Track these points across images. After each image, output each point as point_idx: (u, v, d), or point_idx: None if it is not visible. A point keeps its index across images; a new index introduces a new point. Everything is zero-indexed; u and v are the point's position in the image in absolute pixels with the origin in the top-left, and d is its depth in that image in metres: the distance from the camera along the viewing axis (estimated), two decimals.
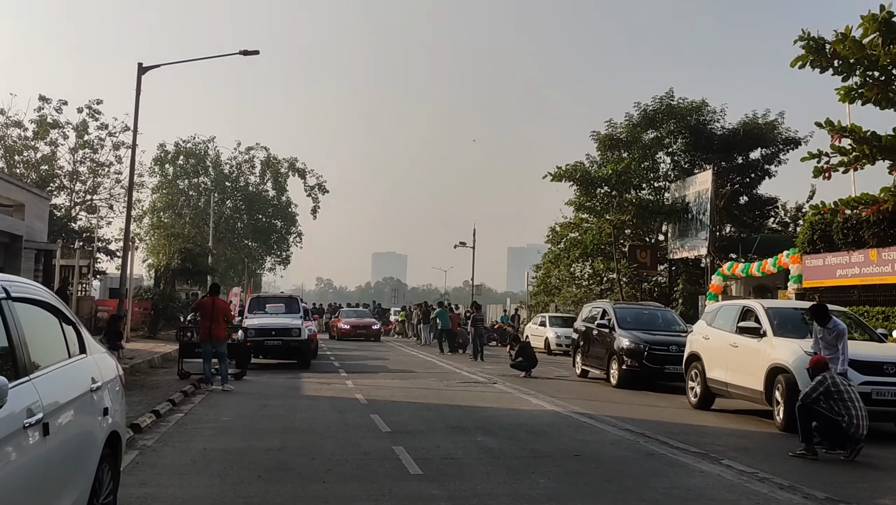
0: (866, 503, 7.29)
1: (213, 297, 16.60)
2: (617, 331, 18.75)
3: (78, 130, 40.75)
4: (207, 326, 15.97)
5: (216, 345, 15.97)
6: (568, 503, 7.04)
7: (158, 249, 36.36)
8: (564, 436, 10.92)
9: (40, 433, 4.04)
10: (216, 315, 16.02)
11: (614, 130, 34.78)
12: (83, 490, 4.68)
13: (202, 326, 16.19)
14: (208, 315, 16.06)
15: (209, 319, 15.99)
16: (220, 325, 16.01)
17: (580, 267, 39.23)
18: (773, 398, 12.13)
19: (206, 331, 16.00)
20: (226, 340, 16.38)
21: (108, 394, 5.28)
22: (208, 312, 16.13)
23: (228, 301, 32.06)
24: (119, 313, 21.17)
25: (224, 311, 16.47)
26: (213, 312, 16.04)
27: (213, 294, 16.80)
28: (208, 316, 16.04)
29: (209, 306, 16.26)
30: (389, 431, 10.89)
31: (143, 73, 20.78)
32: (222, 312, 16.30)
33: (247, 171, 58.31)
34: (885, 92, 18.19)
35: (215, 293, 16.89)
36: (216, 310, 16.11)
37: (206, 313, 16.18)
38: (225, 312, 16.47)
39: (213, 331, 15.91)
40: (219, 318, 16.03)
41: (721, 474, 8.48)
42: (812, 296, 20.38)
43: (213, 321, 15.93)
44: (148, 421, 11.01)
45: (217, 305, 16.28)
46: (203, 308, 16.50)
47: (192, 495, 7.05)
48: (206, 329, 16.00)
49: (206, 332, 16.01)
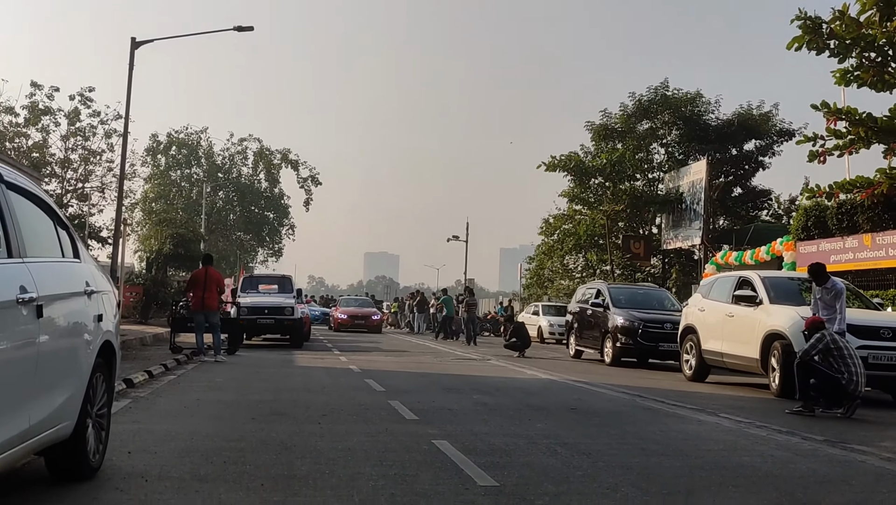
0: (866, 444, 7.23)
1: (207, 266, 16.42)
2: (611, 310, 18.71)
3: (70, 118, 40.52)
4: (200, 295, 15.78)
5: (208, 315, 15.81)
6: (566, 440, 6.96)
7: (150, 237, 36.09)
8: (560, 395, 10.86)
9: (34, 314, 3.94)
10: (209, 284, 15.83)
11: (609, 120, 34.77)
12: (77, 390, 4.58)
13: (194, 297, 15.98)
14: (200, 285, 15.87)
15: (201, 289, 15.80)
16: (212, 294, 15.83)
17: (573, 259, 39.21)
18: (769, 365, 12.08)
19: (198, 301, 15.82)
20: (218, 311, 16.23)
21: (104, 302, 5.18)
22: (200, 281, 15.93)
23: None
24: None
25: (217, 280, 16.26)
26: (205, 282, 15.86)
27: (207, 264, 16.60)
28: (200, 285, 15.86)
29: (201, 276, 16.08)
30: (384, 390, 10.80)
31: (137, 48, 20.67)
32: (215, 281, 16.09)
33: (239, 163, 58.06)
34: (880, 74, 18.23)
35: (208, 263, 16.68)
36: (209, 279, 15.93)
37: (198, 283, 15.98)
38: (218, 282, 16.28)
39: (206, 301, 15.74)
40: (211, 287, 15.84)
41: (719, 423, 8.43)
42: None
43: (205, 290, 15.75)
44: (141, 378, 10.90)
45: (210, 274, 16.07)
46: (195, 278, 16.31)
47: (186, 431, 6.95)
48: (198, 299, 15.82)
49: (198, 301, 15.82)
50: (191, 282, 16.60)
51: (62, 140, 40.81)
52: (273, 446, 6.27)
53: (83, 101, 40.52)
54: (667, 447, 6.81)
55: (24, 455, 4.17)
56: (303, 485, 4.97)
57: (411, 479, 5.24)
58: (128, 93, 21.77)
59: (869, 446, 7.14)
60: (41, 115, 39.95)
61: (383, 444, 6.57)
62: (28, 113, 39.95)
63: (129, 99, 21.98)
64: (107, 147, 41.34)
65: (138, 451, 5.91)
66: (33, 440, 4.02)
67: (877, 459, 6.53)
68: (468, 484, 5.14)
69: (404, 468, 5.57)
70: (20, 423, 3.81)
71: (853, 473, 5.92)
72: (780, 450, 6.86)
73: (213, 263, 17.14)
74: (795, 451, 6.85)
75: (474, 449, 6.35)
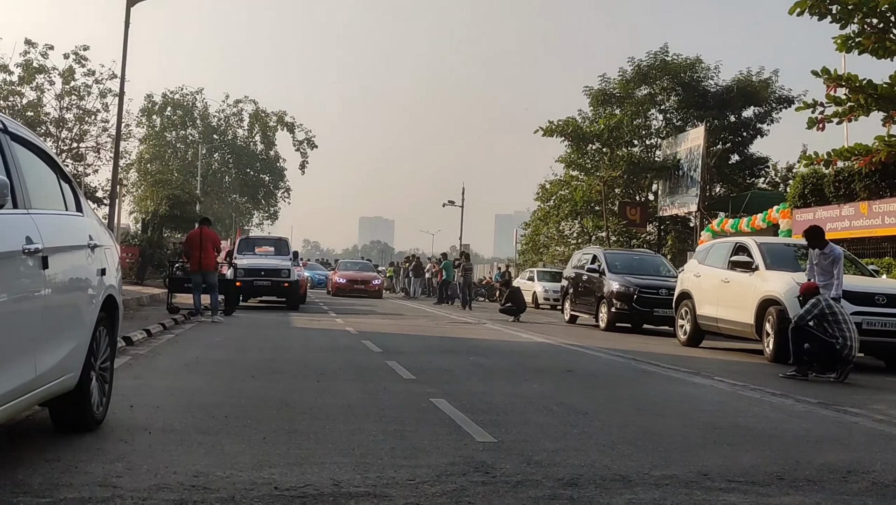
0: (859, 407, 7.33)
1: (202, 227, 16.39)
2: (607, 275, 18.76)
3: (64, 76, 40.16)
4: (197, 256, 15.79)
5: (206, 275, 15.83)
6: (562, 400, 7.04)
7: (146, 198, 36.03)
8: (556, 358, 10.96)
9: (39, 264, 3.96)
10: (205, 244, 15.82)
11: (608, 86, 34.58)
12: (82, 342, 4.62)
13: (191, 258, 16.00)
14: (197, 245, 15.87)
15: (198, 249, 15.80)
16: (209, 253, 15.83)
17: (569, 225, 39.22)
18: (764, 330, 12.17)
19: (195, 261, 15.83)
20: (216, 271, 16.24)
21: (106, 257, 5.20)
22: (196, 242, 15.93)
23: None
24: None
25: (213, 239, 16.21)
26: (201, 241, 15.85)
27: (203, 224, 16.57)
28: (197, 246, 15.85)
29: (197, 236, 16.05)
30: (381, 351, 10.88)
31: (133, 6, 20.42)
32: (211, 240, 16.05)
33: (235, 125, 57.77)
34: (882, 40, 18.14)
35: (205, 224, 16.66)
36: (204, 238, 15.91)
37: (194, 243, 15.97)
38: (214, 241, 16.25)
39: (203, 260, 15.75)
40: (208, 246, 15.83)
41: (713, 386, 8.53)
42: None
43: (202, 250, 15.76)
44: (140, 337, 10.96)
45: (205, 233, 16.04)
46: (191, 239, 16.29)
47: (187, 388, 7.02)
48: (195, 259, 15.82)
49: (195, 262, 15.84)
50: (187, 243, 16.59)
51: (57, 99, 40.46)
52: (273, 403, 6.34)
53: (78, 60, 40.13)
54: (662, 407, 6.90)
55: (31, 404, 4.22)
56: (304, 439, 5.04)
57: (411, 434, 5.31)
58: (123, 51, 21.54)
59: (862, 409, 7.23)
60: (35, 73, 39.61)
61: (382, 401, 6.64)
62: (22, 71, 39.61)
63: (124, 58, 21.76)
64: (102, 107, 41.07)
65: (140, 405, 5.97)
66: (40, 390, 4.06)
67: (869, 421, 6.63)
68: (467, 440, 5.21)
69: (403, 424, 5.63)
70: (27, 372, 3.85)
71: (846, 434, 6.01)
72: (774, 411, 6.95)
73: (210, 225, 17.12)
74: (789, 412, 6.94)
75: (472, 407, 6.42)
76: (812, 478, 4.51)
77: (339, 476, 4.15)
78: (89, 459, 4.29)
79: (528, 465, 4.55)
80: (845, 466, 4.83)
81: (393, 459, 4.56)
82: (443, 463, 4.51)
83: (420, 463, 4.50)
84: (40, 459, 4.23)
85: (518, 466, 4.52)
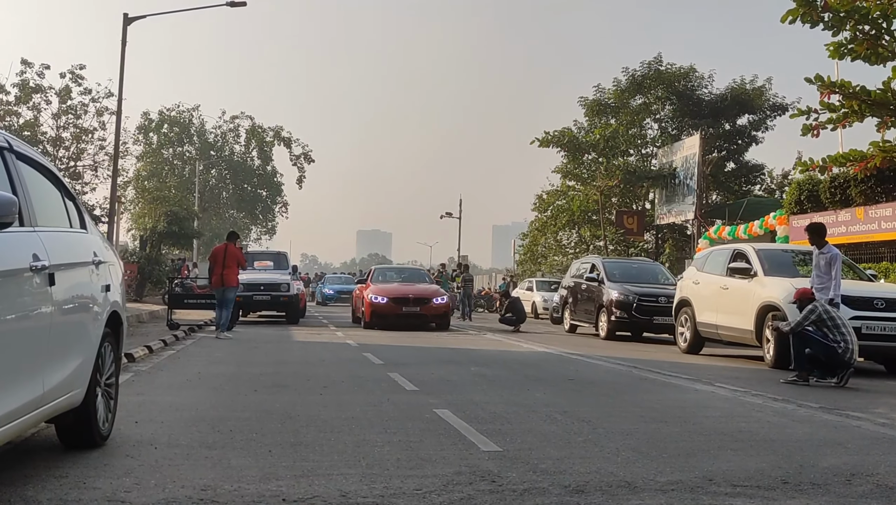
0: (860, 411, 7.35)
1: (228, 243, 16.32)
2: (606, 284, 18.79)
3: (61, 96, 40.25)
4: (220, 272, 15.70)
5: (226, 291, 15.76)
6: (565, 408, 7.07)
7: (143, 215, 36.05)
8: (558, 367, 10.98)
9: (46, 281, 4.00)
10: (229, 261, 15.76)
11: (602, 96, 34.75)
12: (88, 358, 4.64)
13: (214, 274, 15.88)
14: (220, 261, 15.80)
15: (221, 266, 15.74)
16: (232, 270, 15.75)
17: (567, 234, 39.33)
18: (763, 337, 12.21)
19: (218, 278, 15.73)
20: (236, 287, 16.11)
21: (110, 273, 5.23)
22: (220, 258, 15.85)
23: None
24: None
25: (237, 257, 16.12)
26: (224, 259, 15.79)
27: (230, 240, 16.49)
28: (220, 262, 15.79)
29: (221, 253, 15.99)
30: (383, 363, 10.89)
31: (129, 24, 20.57)
32: (235, 257, 15.99)
33: (232, 140, 57.87)
34: (874, 47, 18.23)
35: (232, 240, 16.55)
36: (229, 256, 15.85)
37: (218, 259, 15.91)
38: (238, 259, 16.13)
39: (226, 276, 15.67)
40: (231, 264, 15.77)
41: (715, 392, 8.55)
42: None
43: (225, 267, 15.69)
44: (141, 353, 10.98)
45: (230, 251, 15.99)
46: (215, 254, 16.19)
47: (190, 402, 7.03)
48: (218, 276, 15.72)
49: (218, 279, 15.73)
50: (211, 258, 16.50)
51: (53, 118, 40.56)
52: (277, 416, 6.35)
53: (74, 79, 40.26)
54: (665, 414, 6.92)
55: (38, 421, 4.24)
56: (310, 451, 5.06)
57: (416, 445, 5.33)
58: (121, 69, 21.69)
59: (863, 413, 7.26)
60: (32, 92, 39.70)
61: (386, 413, 6.66)
62: (18, 91, 39.70)
63: (122, 76, 21.91)
64: (99, 125, 41.16)
65: (145, 421, 5.99)
66: (47, 406, 4.08)
67: (871, 424, 6.65)
68: (472, 449, 5.23)
69: (408, 435, 5.65)
70: (35, 388, 3.88)
71: (848, 437, 6.03)
72: (777, 416, 6.98)
73: (237, 240, 17.08)
74: (791, 417, 6.97)
75: (476, 417, 6.44)
76: (816, 481, 4.54)
77: (346, 487, 4.17)
78: (97, 474, 4.31)
79: (534, 473, 4.57)
80: (849, 470, 4.86)
81: (399, 470, 4.59)
82: (449, 472, 4.54)
83: (426, 473, 4.52)
84: (49, 475, 4.25)
85: (524, 474, 4.54)
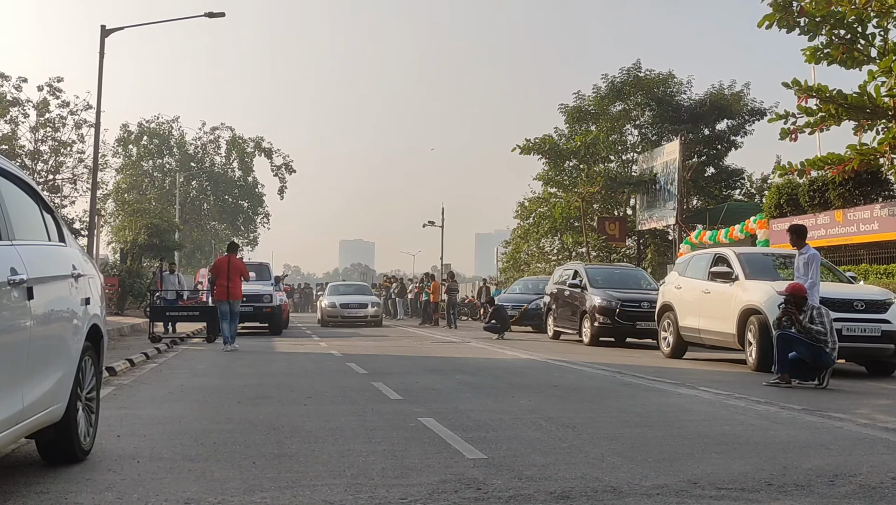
0: (843, 412, 7.40)
1: (230, 255, 16.20)
2: (589, 290, 18.84)
3: (39, 109, 39.96)
4: (224, 285, 15.56)
5: (233, 305, 15.62)
6: (550, 415, 7.07)
7: (124, 227, 35.83)
8: (542, 374, 10.99)
9: (24, 295, 3.96)
10: (232, 275, 15.64)
11: (582, 103, 34.88)
12: (68, 372, 4.60)
13: (217, 286, 15.74)
14: (224, 274, 15.67)
15: (225, 278, 15.59)
16: (236, 283, 15.63)
17: (549, 241, 39.39)
18: (746, 340, 12.27)
19: (222, 290, 15.57)
20: (239, 301, 15.96)
21: (90, 286, 5.18)
22: (224, 270, 15.72)
23: (196, 282, 31.61)
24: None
25: (241, 270, 15.99)
26: (228, 271, 15.66)
27: (231, 252, 16.37)
28: (224, 274, 15.65)
29: (225, 265, 15.85)
30: (367, 372, 10.87)
31: (107, 36, 20.46)
32: (239, 271, 15.86)
33: (212, 152, 57.59)
34: (850, 51, 18.46)
35: (232, 251, 16.43)
36: (232, 269, 15.72)
37: (221, 272, 15.77)
38: (242, 272, 15.99)
39: (231, 289, 15.55)
40: (235, 277, 15.65)
41: (698, 396, 8.58)
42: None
43: (229, 280, 15.56)
44: (123, 366, 10.89)
45: (233, 263, 15.86)
46: (219, 266, 16.07)
47: (173, 415, 6.98)
48: (222, 288, 15.58)
49: (222, 291, 15.57)
50: (213, 269, 16.39)
51: (31, 131, 40.26)
52: (261, 428, 6.31)
53: (52, 92, 40.00)
54: (649, 419, 6.94)
55: (19, 437, 4.19)
56: (294, 462, 5.03)
57: (401, 454, 5.31)
58: (99, 82, 21.56)
59: (846, 414, 7.30)
60: (9, 106, 39.40)
61: (370, 422, 6.63)
62: None
63: (100, 88, 21.78)
64: (77, 138, 40.89)
65: (127, 434, 5.94)
66: (27, 421, 4.04)
67: (853, 425, 6.70)
68: (457, 457, 5.22)
69: (393, 444, 5.63)
70: (15, 403, 3.83)
71: (831, 439, 6.07)
72: (760, 419, 7.01)
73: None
74: (774, 419, 7.00)
75: (460, 425, 6.43)
76: (800, 483, 4.56)
77: (331, 498, 4.14)
78: (79, 490, 4.26)
79: (520, 479, 4.57)
80: (832, 470, 4.88)
81: (384, 479, 4.57)
82: (434, 481, 4.52)
83: (412, 482, 4.51)
84: (30, 491, 4.20)
85: (509, 481, 4.53)
